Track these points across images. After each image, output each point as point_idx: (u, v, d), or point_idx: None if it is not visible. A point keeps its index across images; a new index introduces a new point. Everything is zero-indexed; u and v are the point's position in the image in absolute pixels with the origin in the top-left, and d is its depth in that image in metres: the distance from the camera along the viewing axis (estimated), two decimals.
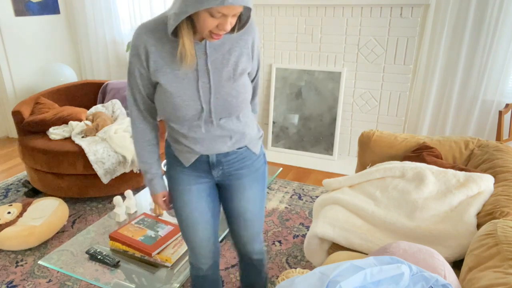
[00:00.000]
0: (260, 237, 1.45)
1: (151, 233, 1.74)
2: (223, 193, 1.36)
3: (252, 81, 1.28)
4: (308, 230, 2.31)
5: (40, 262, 1.67)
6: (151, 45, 1.09)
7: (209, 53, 1.11)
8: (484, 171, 1.76)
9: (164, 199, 1.33)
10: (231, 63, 1.13)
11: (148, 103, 1.21)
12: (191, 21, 1.04)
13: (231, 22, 1.02)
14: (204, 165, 1.25)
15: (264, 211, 1.48)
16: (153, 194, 1.32)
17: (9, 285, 1.99)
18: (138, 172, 2.71)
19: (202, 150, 1.21)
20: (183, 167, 1.26)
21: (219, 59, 1.12)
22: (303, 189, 2.94)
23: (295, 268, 1.37)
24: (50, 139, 2.68)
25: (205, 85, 1.11)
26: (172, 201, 1.34)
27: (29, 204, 2.42)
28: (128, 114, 1.27)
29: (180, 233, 1.75)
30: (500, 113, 2.62)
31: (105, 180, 2.56)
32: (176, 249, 1.66)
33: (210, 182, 1.31)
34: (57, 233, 2.41)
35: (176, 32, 1.05)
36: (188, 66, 1.09)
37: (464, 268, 1.15)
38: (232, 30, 1.11)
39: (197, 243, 1.36)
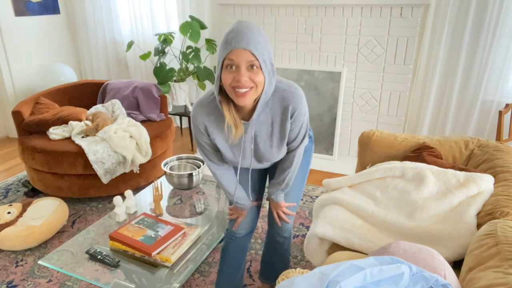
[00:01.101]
0: (291, 218, 1.67)
1: (151, 233, 1.74)
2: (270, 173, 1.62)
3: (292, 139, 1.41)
4: (308, 230, 2.31)
5: (40, 262, 1.67)
6: (208, 126, 1.32)
7: (255, 127, 1.30)
8: (484, 171, 1.76)
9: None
10: (274, 133, 1.32)
11: (219, 155, 1.44)
12: (228, 99, 1.24)
13: (249, 76, 1.11)
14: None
15: (301, 196, 1.69)
16: (240, 209, 1.58)
17: (9, 285, 1.99)
18: (138, 172, 2.71)
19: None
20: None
21: (263, 131, 1.31)
22: None
23: (295, 268, 1.37)
24: (50, 139, 2.68)
25: (251, 151, 1.36)
26: None
27: (29, 204, 2.42)
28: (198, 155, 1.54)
29: (180, 233, 1.76)
30: (500, 113, 2.62)
31: (105, 180, 2.56)
32: (176, 249, 1.66)
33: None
34: (57, 233, 2.41)
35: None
36: (234, 138, 1.29)
37: (464, 268, 1.15)
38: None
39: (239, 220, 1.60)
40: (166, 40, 3.57)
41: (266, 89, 1.19)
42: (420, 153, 1.95)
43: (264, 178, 1.67)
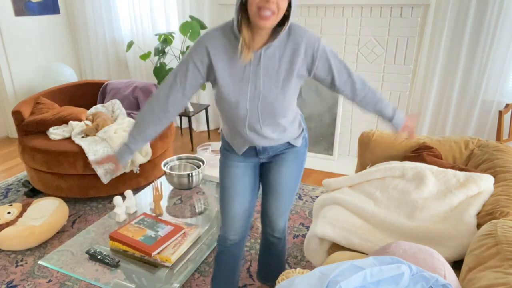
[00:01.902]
0: (285, 215, 1.64)
1: (151, 233, 1.74)
2: (264, 168, 1.55)
3: (334, 87, 1.36)
4: (308, 230, 2.31)
5: (40, 262, 1.67)
6: (214, 47, 1.24)
7: (263, 61, 1.24)
8: (484, 171, 1.76)
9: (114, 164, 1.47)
10: (281, 70, 1.26)
11: (180, 94, 1.31)
12: (248, 21, 1.20)
13: (277, 2, 1.12)
14: (253, 152, 1.45)
15: (296, 192, 1.63)
16: (114, 158, 1.45)
17: (9, 285, 1.99)
18: (138, 172, 2.71)
19: (250, 144, 1.41)
20: (234, 152, 1.48)
21: (270, 67, 1.25)
22: (303, 189, 2.94)
23: (295, 268, 1.37)
24: (50, 139, 2.68)
25: (256, 89, 1.26)
26: (220, 175, 1.54)
27: (29, 204, 2.42)
28: (152, 95, 1.40)
29: (180, 233, 1.76)
30: (500, 113, 2.62)
31: (105, 180, 2.56)
32: (176, 249, 1.66)
33: (256, 162, 1.51)
34: (57, 233, 2.41)
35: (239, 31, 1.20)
36: (245, 59, 1.23)
37: (464, 268, 1.15)
38: (278, 28, 1.22)
39: (232, 213, 1.52)
40: (166, 40, 3.58)
41: (291, 19, 1.21)
42: (420, 153, 1.95)
43: (256, 179, 1.57)
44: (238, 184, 1.49)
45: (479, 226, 1.42)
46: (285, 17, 1.20)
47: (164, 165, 2.30)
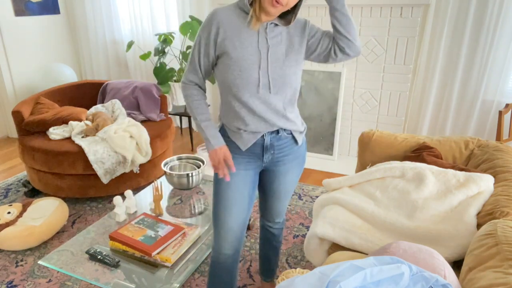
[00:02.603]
0: (285, 208, 1.66)
1: (151, 233, 1.74)
2: (266, 176, 1.51)
3: (320, 44, 1.37)
4: (308, 230, 2.31)
5: (40, 262, 1.67)
6: (222, 21, 1.28)
7: (269, 32, 1.30)
8: (484, 171, 1.76)
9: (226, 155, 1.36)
10: (282, 44, 1.32)
11: (202, 73, 1.37)
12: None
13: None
14: (258, 148, 1.39)
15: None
16: (217, 148, 1.35)
17: (9, 285, 1.99)
18: (138, 172, 2.71)
19: (259, 126, 1.35)
20: (236, 153, 1.40)
21: (275, 39, 1.31)
22: (303, 189, 2.94)
23: (295, 268, 1.37)
24: (50, 139, 2.68)
25: (264, 55, 1.28)
26: (216, 182, 1.43)
27: (29, 204, 2.42)
28: (182, 84, 1.41)
29: (180, 233, 1.75)
30: (500, 113, 2.62)
31: (105, 180, 2.56)
32: (176, 249, 1.66)
33: (257, 169, 1.45)
34: (57, 233, 2.41)
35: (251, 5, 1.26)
36: (254, 27, 1.28)
37: (464, 268, 1.15)
38: (288, 21, 1.31)
39: (228, 226, 1.44)
40: (166, 40, 3.57)
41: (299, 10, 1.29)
42: (420, 153, 1.95)
43: (255, 188, 1.49)
44: (237, 194, 1.40)
45: (479, 226, 1.42)
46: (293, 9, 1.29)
47: (164, 165, 2.30)
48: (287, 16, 1.33)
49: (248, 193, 1.43)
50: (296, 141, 1.45)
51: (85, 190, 2.64)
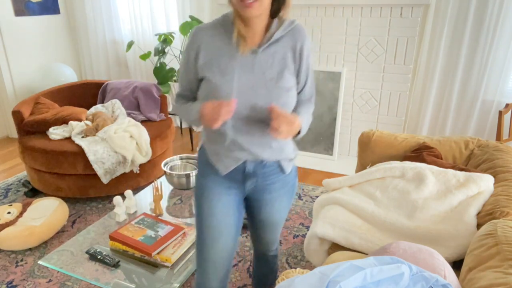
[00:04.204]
0: (278, 238, 1.52)
1: (151, 233, 1.74)
2: (252, 205, 1.36)
3: (299, 92, 1.26)
4: (308, 230, 2.31)
5: (40, 262, 1.67)
6: (203, 42, 1.18)
7: (258, 55, 1.17)
8: (484, 171, 1.76)
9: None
10: (275, 65, 1.18)
11: (188, 93, 1.29)
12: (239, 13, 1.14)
13: None
14: (239, 175, 1.24)
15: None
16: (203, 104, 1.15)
17: (9, 285, 1.99)
18: (138, 172, 2.71)
19: (242, 155, 1.21)
20: (216, 175, 1.25)
21: (263, 60, 1.17)
22: (303, 189, 2.94)
23: (295, 268, 1.37)
24: (50, 139, 2.68)
25: (249, 81, 1.15)
26: (197, 209, 1.29)
27: (29, 204, 2.42)
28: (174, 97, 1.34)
29: (180, 233, 1.75)
30: (500, 113, 2.62)
31: (105, 180, 2.56)
32: (176, 249, 1.66)
33: (240, 194, 1.29)
34: (57, 233, 2.41)
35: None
36: (243, 51, 1.15)
37: (464, 268, 1.15)
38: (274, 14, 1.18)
39: (213, 258, 1.28)
40: (166, 40, 3.57)
41: (284, 11, 1.16)
42: (420, 153, 1.95)
43: (242, 215, 1.35)
44: (222, 223, 1.25)
45: (479, 226, 1.42)
46: (279, 8, 1.16)
47: (164, 165, 2.30)
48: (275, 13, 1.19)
49: (234, 221, 1.28)
50: (283, 170, 1.28)
51: (85, 190, 2.64)
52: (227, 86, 1.14)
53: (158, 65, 3.61)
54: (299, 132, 1.19)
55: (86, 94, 3.30)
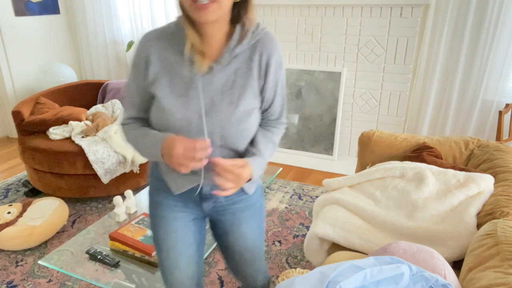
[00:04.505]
0: (262, 268, 1.32)
1: (151, 233, 1.74)
2: (216, 228, 1.23)
3: (265, 110, 1.11)
4: (308, 230, 2.31)
5: (40, 262, 1.67)
6: (153, 54, 0.99)
7: (216, 72, 1.00)
8: (484, 171, 1.76)
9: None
10: (236, 85, 1.00)
11: (141, 115, 1.08)
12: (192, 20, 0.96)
13: None
14: (195, 195, 1.11)
15: (264, 244, 1.32)
16: (167, 137, 0.97)
17: (9, 285, 1.99)
18: (138, 172, 2.71)
19: (196, 180, 1.06)
20: (169, 193, 1.12)
21: (222, 79, 1.00)
22: (303, 189, 2.94)
23: (295, 268, 1.37)
24: (50, 139, 2.68)
25: (206, 105, 0.99)
26: (153, 230, 1.17)
27: (29, 204, 2.42)
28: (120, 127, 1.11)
29: None
30: (500, 113, 2.62)
31: (105, 180, 2.56)
32: None
33: (197, 213, 1.17)
34: (57, 233, 2.41)
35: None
36: (199, 68, 0.97)
37: (464, 268, 1.15)
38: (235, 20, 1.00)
39: (180, 281, 1.17)
40: None
41: (246, 14, 0.98)
42: (420, 153, 1.95)
43: (202, 233, 1.23)
44: (180, 243, 1.14)
45: (479, 226, 1.42)
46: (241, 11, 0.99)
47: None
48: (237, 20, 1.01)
49: (193, 239, 1.16)
50: (244, 191, 1.15)
51: (85, 190, 2.64)
52: (181, 111, 0.98)
53: None
54: (249, 179, 1.03)
55: (86, 94, 3.30)
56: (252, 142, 1.10)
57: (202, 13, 0.89)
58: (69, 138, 2.70)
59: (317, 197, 2.75)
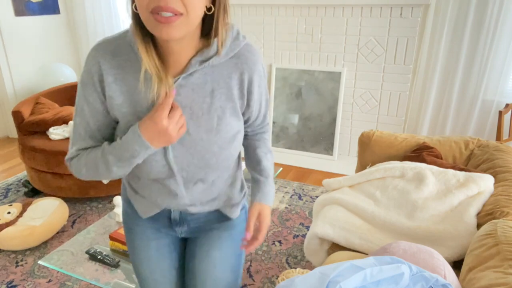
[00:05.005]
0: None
1: None
2: (187, 246, 1.09)
3: (250, 132, 1.02)
4: (308, 230, 2.31)
5: (40, 262, 1.67)
6: (107, 74, 0.81)
7: (184, 94, 0.81)
8: (484, 171, 1.76)
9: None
10: (214, 108, 0.84)
11: (96, 144, 0.88)
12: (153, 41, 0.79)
13: None
14: (165, 219, 1.01)
15: (238, 283, 1.11)
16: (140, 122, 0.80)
17: (9, 285, 1.99)
18: None
19: (165, 203, 0.95)
20: (139, 218, 1.02)
21: (197, 102, 0.83)
22: (303, 189, 2.94)
23: (295, 268, 1.37)
24: (50, 139, 2.68)
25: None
26: (129, 255, 1.09)
27: (29, 204, 2.42)
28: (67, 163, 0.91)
29: None
30: (500, 113, 2.62)
31: (105, 180, 2.56)
32: None
33: (171, 236, 1.06)
34: (57, 233, 2.41)
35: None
36: (157, 91, 0.77)
37: (464, 268, 1.15)
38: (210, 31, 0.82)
39: None
40: None
41: (219, 23, 0.79)
42: (420, 153, 1.95)
43: (180, 255, 1.09)
44: (155, 272, 1.04)
45: (479, 226, 1.42)
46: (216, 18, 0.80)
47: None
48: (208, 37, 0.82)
49: (171, 265, 1.05)
50: (225, 216, 1.03)
51: (85, 190, 2.64)
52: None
53: None
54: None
55: None
56: (250, 159, 1.04)
57: (165, 28, 0.70)
58: (69, 138, 2.70)
59: (317, 197, 2.75)
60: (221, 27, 0.81)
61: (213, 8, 0.78)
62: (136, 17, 0.76)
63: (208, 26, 0.82)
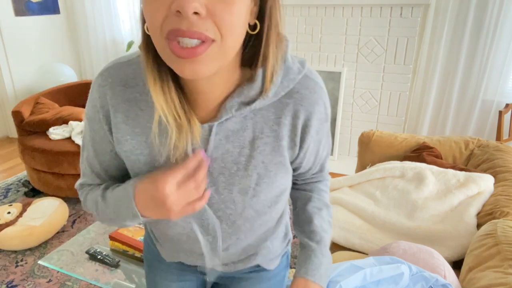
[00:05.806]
0: None
1: None
2: None
3: (299, 181, 0.81)
4: None
5: (40, 262, 1.67)
6: (116, 111, 0.63)
7: (215, 143, 0.62)
8: (484, 171, 1.76)
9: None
10: (254, 164, 0.63)
11: (103, 182, 0.73)
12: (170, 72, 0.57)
13: (207, 4, 0.47)
14: (193, 268, 0.85)
15: None
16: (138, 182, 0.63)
17: (9, 285, 1.99)
18: None
19: (189, 263, 0.82)
20: (161, 259, 0.86)
21: (232, 154, 0.63)
22: None
23: (295, 268, 1.37)
24: (50, 139, 2.68)
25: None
26: None
27: (29, 204, 2.42)
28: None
29: None
30: (500, 113, 2.62)
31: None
32: None
33: (199, 279, 0.89)
34: (57, 233, 2.41)
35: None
36: (174, 152, 0.59)
37: (464, 268, 1.15)
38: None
39: None
40: None
41: (266, 52, 0.55)
42: (420, 153, 1.95)
43: None
44: None
45: (479, 226, 1.42)
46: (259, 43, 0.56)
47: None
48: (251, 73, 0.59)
49: None
50: (262, 268, 0.85)
51: None
52: None
53: None
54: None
55: (86, 94, 3.27)
56: (297, 216, 0.81)
57: (188, 64, 0.49)
58: (69, 138, 2.70)
59: None
60: (272, 54, 0.56)
61: (258, 26, 0.54)
62: (147, 41, 0.54)
63: (251, 50, 0.58)
